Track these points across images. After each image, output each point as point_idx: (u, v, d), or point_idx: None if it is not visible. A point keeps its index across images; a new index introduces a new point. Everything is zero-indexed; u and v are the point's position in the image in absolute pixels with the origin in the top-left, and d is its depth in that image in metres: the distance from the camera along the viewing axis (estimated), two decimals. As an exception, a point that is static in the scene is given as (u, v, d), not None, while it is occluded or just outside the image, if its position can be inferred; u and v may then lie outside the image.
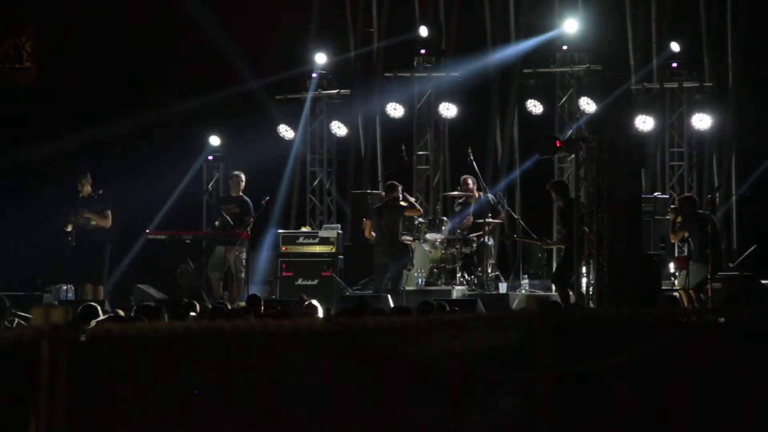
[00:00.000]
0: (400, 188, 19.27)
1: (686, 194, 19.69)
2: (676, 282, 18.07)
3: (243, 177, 20.09)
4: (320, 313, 12.97)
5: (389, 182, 19.54)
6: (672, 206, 18.68)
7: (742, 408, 6.26)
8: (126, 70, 22.42)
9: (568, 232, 17.28)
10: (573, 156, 18.18)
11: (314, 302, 13.64)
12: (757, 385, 6.28)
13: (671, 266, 19.00)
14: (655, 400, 6.16)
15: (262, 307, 13.21)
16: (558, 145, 17.45)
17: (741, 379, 6.28)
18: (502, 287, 19.59)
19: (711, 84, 21.59)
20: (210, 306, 14.05)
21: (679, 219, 17.80)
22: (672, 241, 18.40)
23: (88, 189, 18.45)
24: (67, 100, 22.72)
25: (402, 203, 18.90)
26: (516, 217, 20.11)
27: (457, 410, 5.89)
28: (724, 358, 6.29)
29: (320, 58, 22.77)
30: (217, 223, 19.90)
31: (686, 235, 17.70)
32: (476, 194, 20.04)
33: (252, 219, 19.61)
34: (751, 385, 6.28)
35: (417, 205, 19.51)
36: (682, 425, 6.21)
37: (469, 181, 20.16)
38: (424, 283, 19.16)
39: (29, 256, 20.27)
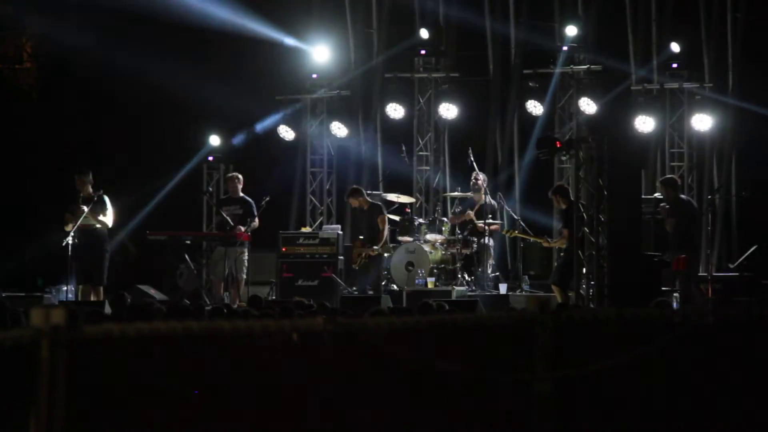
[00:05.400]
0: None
1: (667, 176, 19.56)
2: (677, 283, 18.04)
3: (241, 178, 20.09)
4: None
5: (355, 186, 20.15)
6: (662, 205, 18.60)
7: (739, 407, 6.26)
8: (125, 69, 22.42)
9: (569, 233, 17.28)
10: (573, 156, 18.17)
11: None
12: (755, 385, 6.28)
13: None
14: (654, 400, 6.16)
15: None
16: (558, 145, 17.43)
17: (740, 379, 6.28)
18: (502, 287, 19.58)
19: (711, 84, 21.60)
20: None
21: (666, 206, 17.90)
22: (669, 230, 18.30)
23: (88, 189, 18.41)
24: (66, 100, 22.73)
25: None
26: (516, 217, 20.09)
27: (458, 411, 5.89)
28: (723, 358, 6.29)
29: (320, 58, 22.78)
30: (222, 222, 19.89)
31: (675, 222, 17.61)
32: (482, 196, 19.98)
33: (258, 221, 19.55)
34: (749, 385, 6.28)
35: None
36: (681, 425, 6.21)
37: (480, 177, 20.12)
38: (424, 283, 19.16)
39: (29, 257, 20.27)
